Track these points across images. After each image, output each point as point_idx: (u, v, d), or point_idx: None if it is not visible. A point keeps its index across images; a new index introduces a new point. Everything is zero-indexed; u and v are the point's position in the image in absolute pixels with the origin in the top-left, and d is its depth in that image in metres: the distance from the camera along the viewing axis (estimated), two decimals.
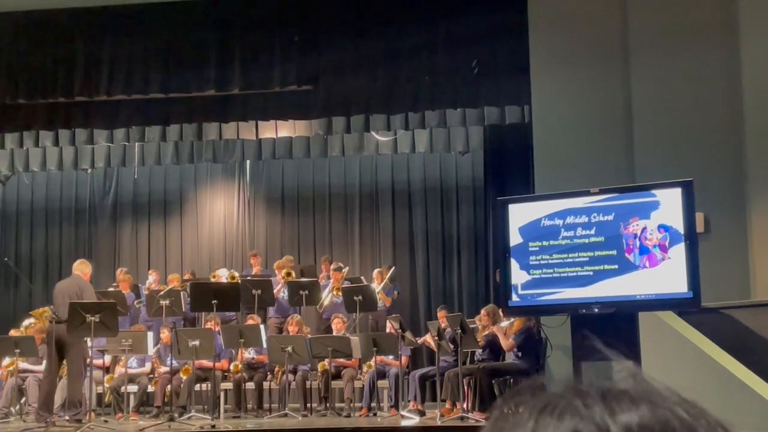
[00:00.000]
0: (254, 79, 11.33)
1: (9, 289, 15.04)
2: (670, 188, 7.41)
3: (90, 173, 14.86)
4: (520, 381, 4.89)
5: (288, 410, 9.93)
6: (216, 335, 10.22)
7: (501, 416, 0.71)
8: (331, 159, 14.17)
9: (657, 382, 0.72)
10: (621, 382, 0.71)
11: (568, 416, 0.68)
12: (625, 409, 0.68)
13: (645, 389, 0.71)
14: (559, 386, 0.72)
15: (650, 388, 0.71)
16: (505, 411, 0.71)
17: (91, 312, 8.93)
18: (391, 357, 10.25)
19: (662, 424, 0.67)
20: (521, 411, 0.71)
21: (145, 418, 10.25)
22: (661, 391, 0.71)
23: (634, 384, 0.71)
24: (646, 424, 0.67)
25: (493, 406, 0.74)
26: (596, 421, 0.67)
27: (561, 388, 0.72)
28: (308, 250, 14.63)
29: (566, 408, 0.69)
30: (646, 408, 0.68)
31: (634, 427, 0.67)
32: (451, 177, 14.33)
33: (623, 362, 0.74)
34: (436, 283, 14.08)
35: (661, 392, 0.71)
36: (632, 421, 0.67)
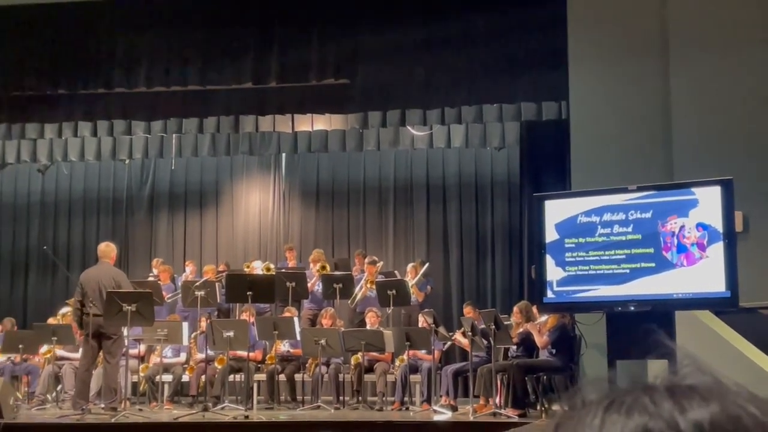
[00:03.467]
0: (291, 72, 11.37)
1: (47, 278, 15.24)
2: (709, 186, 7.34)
3: (127, 164, 14.99)
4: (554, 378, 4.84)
5: (320, 402, 9.97)
6: (250, 326, 10.28)
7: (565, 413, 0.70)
8: (366, 153, 14.17)
9: (725, 377, 0.70)
10: (688, 377, 0.69)
11: (636, 413, 0.67)
12: (695, 406, 0.66)
13: (714, 385, 0.69)
14: (624, 382, 0.71)
15: (719, 384, 0.69)
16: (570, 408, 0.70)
17: (127, 301, 9.02)
18: (423, 351, 10.26)
19: (734, 422, 0.65)
20: (587, 408, 0.69)
21: (179, 407, 10.36)
22: (730, 386, 0.69)
23: (703, 379, 0.69)
24: (718, 422, 0.65)
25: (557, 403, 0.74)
26: (666, 418, 0.66)
27: (627, 384, 0.70)
28: (342, 244, 14.66)
29: (634, 405, 0.67)
30: (716, 405, 0.67)
31: (705, 425, 0.65)
32: (486, 172, 14.28)
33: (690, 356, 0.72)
34: (469, 278, 14.06)
35: (730, 388, 0.69)
36: (703, 418, 0.65)
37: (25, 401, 10.58)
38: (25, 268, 15.41)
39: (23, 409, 9.85)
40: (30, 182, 15.52)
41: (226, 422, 8.33)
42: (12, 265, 15.41)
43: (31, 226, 15.52)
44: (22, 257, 15.44)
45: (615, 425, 0.66)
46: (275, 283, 10.60)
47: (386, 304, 10.91)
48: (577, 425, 0.68)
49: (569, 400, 0.71)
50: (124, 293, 9.22)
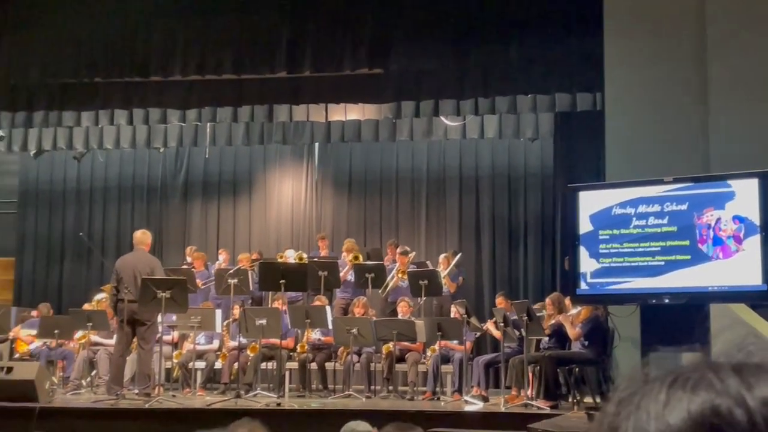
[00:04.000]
0: (325, 62, 11.37)
1: (82, 264, 15.39)
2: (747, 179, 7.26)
3: (162, 152, 15.09)
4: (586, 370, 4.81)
5: (352, 391, 10.00)
6: (283, 315, 10.32)
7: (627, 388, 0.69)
8: (399, 143, 14.15)
9: None
10: (754, 356, 0.68)
11: (702, 390, 0.66)
12: (763, 383, 0.65)
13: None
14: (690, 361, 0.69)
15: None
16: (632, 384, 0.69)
17: (162, 288, 9.08)
18: (455, 342, 10.24)
19: None
20: (651, 384, 0.68)
21: (211, 394, 10.41)
22: None
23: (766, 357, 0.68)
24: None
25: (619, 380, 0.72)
26: (733, 395, 0.65)
27: (691, 362, 0.69)
28: (374, 234, 14.67)
29: (699, 381, 0.66)
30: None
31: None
32: (520, 164, 14.22)
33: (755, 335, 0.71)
34: (501, 269, 14.01)
35: None
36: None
37: (61, 386, 10.71)
38: (61, 255, 15.58)
39: (58, 394, 9.97)
40: (66, 169, 15.67)
41: (258, 409, 8.37)
42: (48, 252, 15.59)
43: (67, 212, 15.67)
44: (58, 243, 15.60)
45: (680, 402, 0.65)
46: (308, 272, 10.63)
47: (418, 294, 10.90)
48: (641, 400, 0.67)
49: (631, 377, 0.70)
50: (158, 280, 9.29)
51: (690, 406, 0.64)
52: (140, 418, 8.57)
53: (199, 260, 12.90)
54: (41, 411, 8.62)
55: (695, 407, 0.64)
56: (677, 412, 0.65)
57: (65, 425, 8.61)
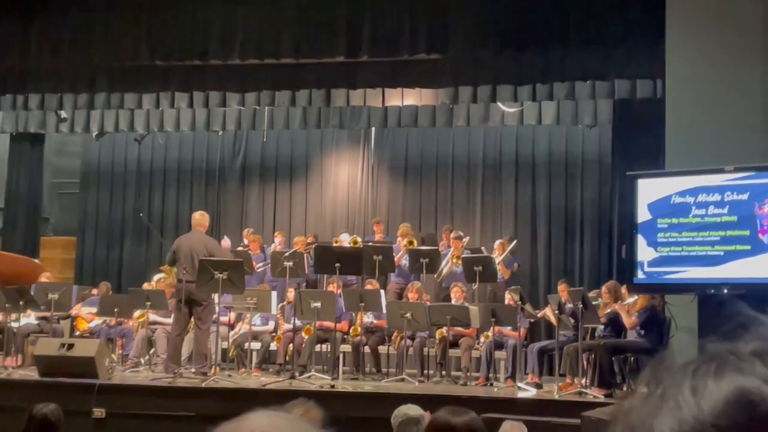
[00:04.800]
0: (383, 46, 11.35)
1: (141, 244, 15.63)
2: None
3: (221, 135, 15.22)
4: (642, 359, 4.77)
5: (405, 375, 10.03)
6: (337, 298, 10.38)
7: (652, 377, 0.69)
8: (455, 129, 14.10)
9: None
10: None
11: (727, 374, 0.67)
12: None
13: None
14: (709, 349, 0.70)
15: None
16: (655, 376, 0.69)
17: (219, 269, 9.18)
18: (509, 328, 10.21)
19: None
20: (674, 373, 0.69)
21: (266, 374, 10.52)
22: None
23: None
24: None
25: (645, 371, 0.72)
26: (760, 375, 0.66)
27: (710, 352, 0.70)
28: (429, 219, 14.66)
29: (722, 367, 0.67)
30: None
31: None
32: (577, 151, 14.09)
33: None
34: (557, 257, 13.92)
35: None
36: None
37: (119, 363, 10.90)
38: (121, 235, 15.84)
39: (117, 371, 10.15)
40: (127, 151, 15.91)
41: (312, 390, 8.43)
42: (108, 231, 15.85)
43: (127, 193, 15.92)
44: (119, 224, 15.86)
45: (708, 387, 0.66)
46: (362, 256, 10.68)
47: (472, 280, 10.89)
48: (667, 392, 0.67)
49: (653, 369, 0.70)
50: (216, 261, 9.39)
51: (719, 389, 0.65)
52: (196, 396, 8.71)
53: (255, 243, 13.01)
54: (100, 387, 8.80)
55: (725, 389, 0.65)
56: (707, 396, 0.65)
57: (123, 402, 8.79)
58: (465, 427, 2.61)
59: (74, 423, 6.30)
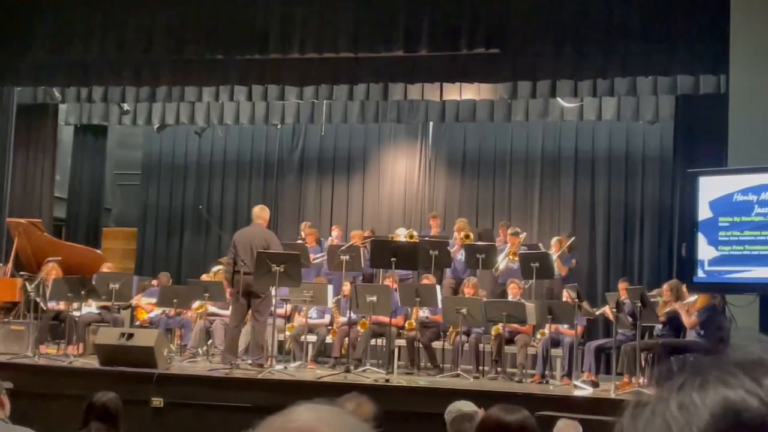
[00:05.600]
0: (442, 41, 11.31)
1: (200, 236, 15.85)
2: None
3: (279, 129, 15.34)
4: None
5: (460, 371, 10.01)
6: (393, 292, 10.39)
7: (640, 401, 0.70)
8: (514, 124, 14.04)
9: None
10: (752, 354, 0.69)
11: (711, 388, 0.67)
12: None
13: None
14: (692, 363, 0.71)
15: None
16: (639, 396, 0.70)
17: (276, 262, 9.26)
18: (566, 326, 10.13)
19: None
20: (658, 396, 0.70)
21: (322, 367, 10.57)
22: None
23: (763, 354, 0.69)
24: None
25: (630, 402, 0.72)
26: (746, 387, 0.66)
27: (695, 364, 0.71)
28: (486, 215, 14.62)
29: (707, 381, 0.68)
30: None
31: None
32: (638, 147, 13.94)
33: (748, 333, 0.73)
34: (616, 255, 13.79)
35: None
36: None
37: (178, 353, 11.05)
38: (181, 226, 16.07)
39: (176, 361, 10.29)
40: (187, 144, 16.13)
41: (367, 384, 8.46)
42: (168, 223, 16.10)
43: (187, 186, 16.14)
44: (178, 216, 16.10)
45: (694, 401, 0.67)
46: (419, 250, 10.68)
47: (529, 276, 10.82)
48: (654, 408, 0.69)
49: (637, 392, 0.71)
50: (273, 254, 9.47)
51: (706, 404, 0.66)
52: (253, 387, 8.79)
53: (311, 236, 13.08)
54: (159, 377, 8.94)
55: (710, 402, 0.66)
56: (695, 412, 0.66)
57: (182, 391, 8.91)
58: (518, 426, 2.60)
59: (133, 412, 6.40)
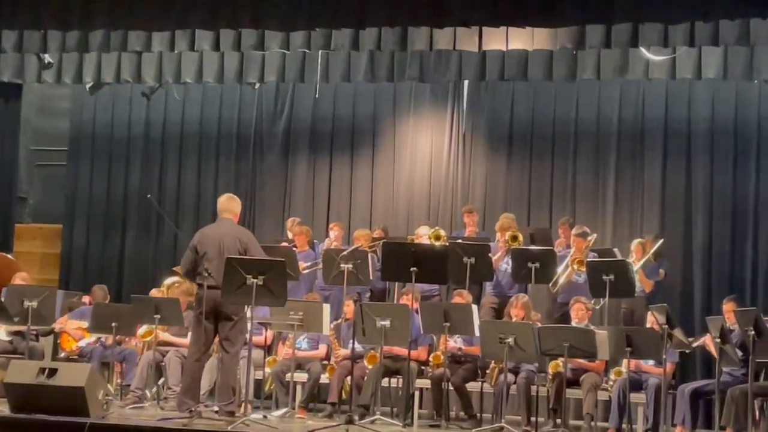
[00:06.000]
0: None
1: (150, 235, 15.92)
2: None
3: (258, 89, 15.39)
4: None
5: (504, 423, 10.00)
6: (413, 314, 10.40)
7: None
8: (581, 84, 14.04)
9: None
10: None
11: None
12: None
13: None
14: None
15: None
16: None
17: (252, 272, 9.19)
18: (651, 363, 10.13)
19: None
20: None
21: (315, 416, 10.62)
22: None
23: None
24: None
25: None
26: None
27: None
28: (542, 209, 14.67)
29: None
30: None
31: None
32: (752, 116, 13.96)
33: None
34: (720, 263, 13.81)
35: None
36: None
37: (118, 396, 11.11)
38: (123, 222, 16.17)
39: (115, 406, 10.29)
40: (132, 109, 16.26)
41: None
42: (106, 217, 16.18)
43: (132, 166, 16.23)
44: (119, 207, 16.20)
45: None
46: (449, 257, 10.66)
47: (600, 293, 10.81)
48: None
49: None
50: (248, 261, 9.37)
51: None
52: None
53: (301, 236, 13.09)
54: (92, 428, 8.95)
55: None
56: None
57: None
58: None
59: None
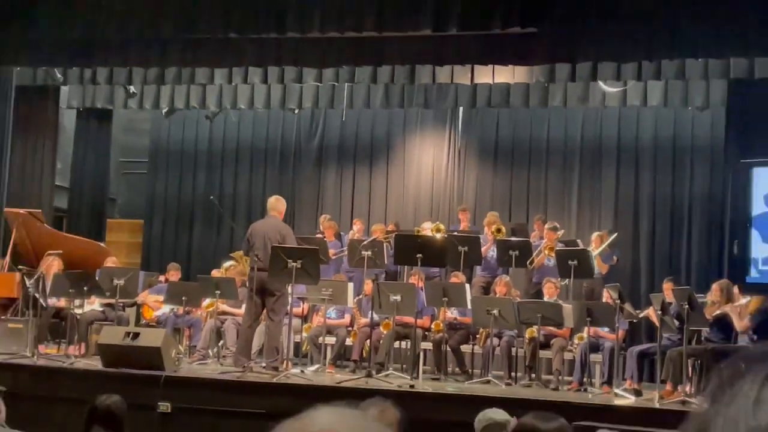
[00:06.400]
0: (473, 19, 11.26)
1: (212, 229, 15.90)
2: None
3: (297, 114, 15.39)
4: None
5: (491, 377, 10.01)
6: (418, 291, 10.39)
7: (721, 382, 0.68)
8: (551, 109, 13.99)
9: None
10: None
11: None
12: None
13: None
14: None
15: None
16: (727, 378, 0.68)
17: (293, 257, 9.25)
18: (606, 329, 10.10)
19: None
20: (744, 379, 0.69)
21: (341, 371, 10.60)
22: None
23: None
24: None
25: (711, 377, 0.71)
26: None
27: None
28: (520, 208, 14.59)
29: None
30: None
31: None
32: (686, 135, 13.85)
33: None
34: (661, 252, 13.72)
35: None
36: None
37: (187, 355, 11.09)
38: (191, 218, 16.15)
39: (184, 363, 10.35)
40: (198, 129, 16.21)
41: (390, 390, 8.46)
42: (177, 215, 16.18)
43: (198, 175, 16.21)
44: (188, 207, 16.18)
45: None
46: (447, 246, 10.66)
47: (566, 275, 10.77)
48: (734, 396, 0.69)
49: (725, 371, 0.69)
50: (290, 248, 9.47)
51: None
52: (267, 392, 8.82)
53: (330, 230, 13.08)
54: (167, 380, 9.00)
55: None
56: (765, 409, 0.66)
57: (191, 396, 8.96)
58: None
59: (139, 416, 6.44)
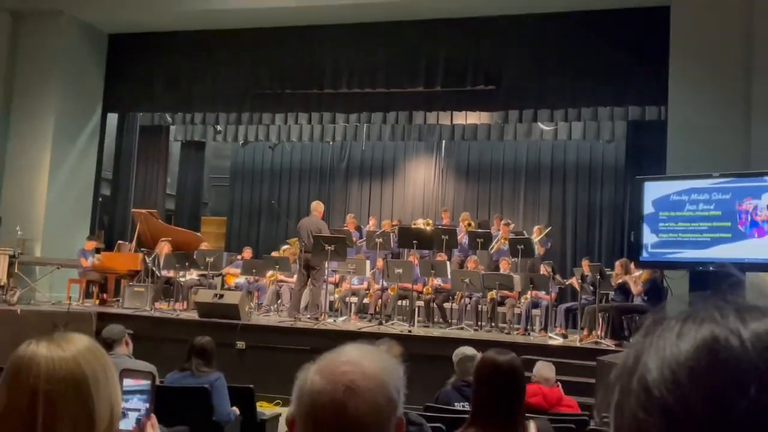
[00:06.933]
0: (452, 79, 11.29)
1: (273, 223, 15.93)
2: None
3: (331, 145, 15.40)
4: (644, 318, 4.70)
5: (464, 325, 10.02)
6: (415, 266, 10.41)
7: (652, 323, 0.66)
8: (506, 142, 13.98)
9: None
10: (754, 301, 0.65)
11: (706, 323, 0.63)
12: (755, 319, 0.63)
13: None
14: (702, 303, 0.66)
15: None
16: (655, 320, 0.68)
17: (328, 243, 9.30)
18: (543, 292, 10.10)
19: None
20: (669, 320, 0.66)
21: (362, 320, 10.61)
22: None
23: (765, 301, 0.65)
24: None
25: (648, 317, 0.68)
26: (730, 327, 0.62)
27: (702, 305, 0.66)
28: (484, 209, 14.57)
29: (706, 317, 0.64)
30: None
31: (762, 333, 0.61)
32: (598, 160, 13.84)
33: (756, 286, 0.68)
34: (581, 239, 13.72)
35: None
36: (760, 328, 0.62)
37: (256, 309, 11.10)
38: (258, 216, 16.18)
39: (254, 315, 10.37)
40: (263, 156, 16.22)
41: (395, 334, 8.47)
42: (250, 214, 16.22)
43: (263, 187, 16.23)
44: (257, 209, 16.20)
45: (689, 332, 0.64)
46: (434, 235, 10.67)
47: (516, 255, 10.74)
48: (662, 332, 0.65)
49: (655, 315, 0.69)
50: (325, 237, 9.51)
51: (696, 335, 0.63)
52: (311, 335, 8.86)
53: (352, 224, 13.06)
54: (242, 327, 9.03)
55: (700, 336, 0.63)
56: (686, 339, 0.63)
57: (258, 337, 9.00)
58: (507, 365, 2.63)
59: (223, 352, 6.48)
